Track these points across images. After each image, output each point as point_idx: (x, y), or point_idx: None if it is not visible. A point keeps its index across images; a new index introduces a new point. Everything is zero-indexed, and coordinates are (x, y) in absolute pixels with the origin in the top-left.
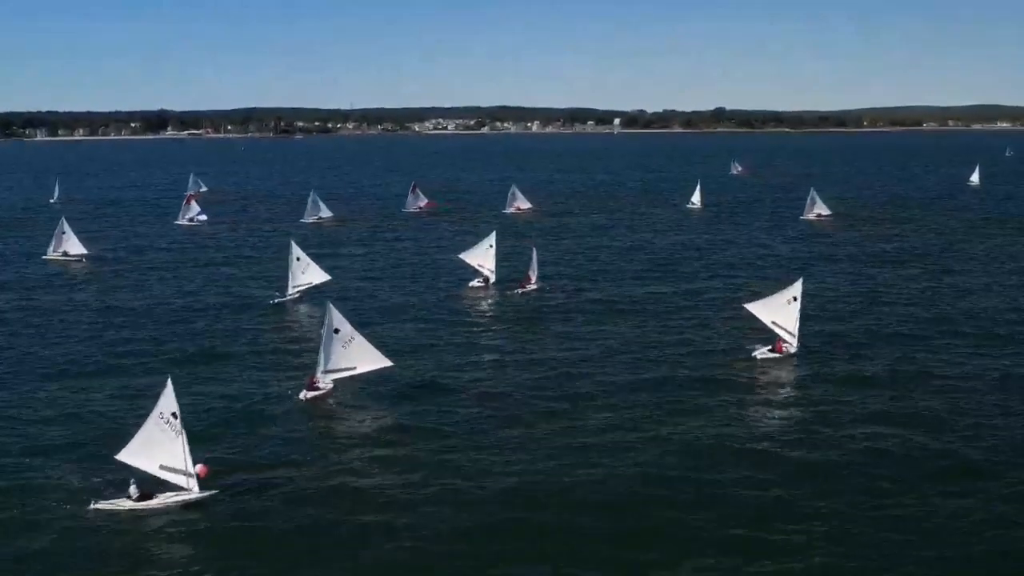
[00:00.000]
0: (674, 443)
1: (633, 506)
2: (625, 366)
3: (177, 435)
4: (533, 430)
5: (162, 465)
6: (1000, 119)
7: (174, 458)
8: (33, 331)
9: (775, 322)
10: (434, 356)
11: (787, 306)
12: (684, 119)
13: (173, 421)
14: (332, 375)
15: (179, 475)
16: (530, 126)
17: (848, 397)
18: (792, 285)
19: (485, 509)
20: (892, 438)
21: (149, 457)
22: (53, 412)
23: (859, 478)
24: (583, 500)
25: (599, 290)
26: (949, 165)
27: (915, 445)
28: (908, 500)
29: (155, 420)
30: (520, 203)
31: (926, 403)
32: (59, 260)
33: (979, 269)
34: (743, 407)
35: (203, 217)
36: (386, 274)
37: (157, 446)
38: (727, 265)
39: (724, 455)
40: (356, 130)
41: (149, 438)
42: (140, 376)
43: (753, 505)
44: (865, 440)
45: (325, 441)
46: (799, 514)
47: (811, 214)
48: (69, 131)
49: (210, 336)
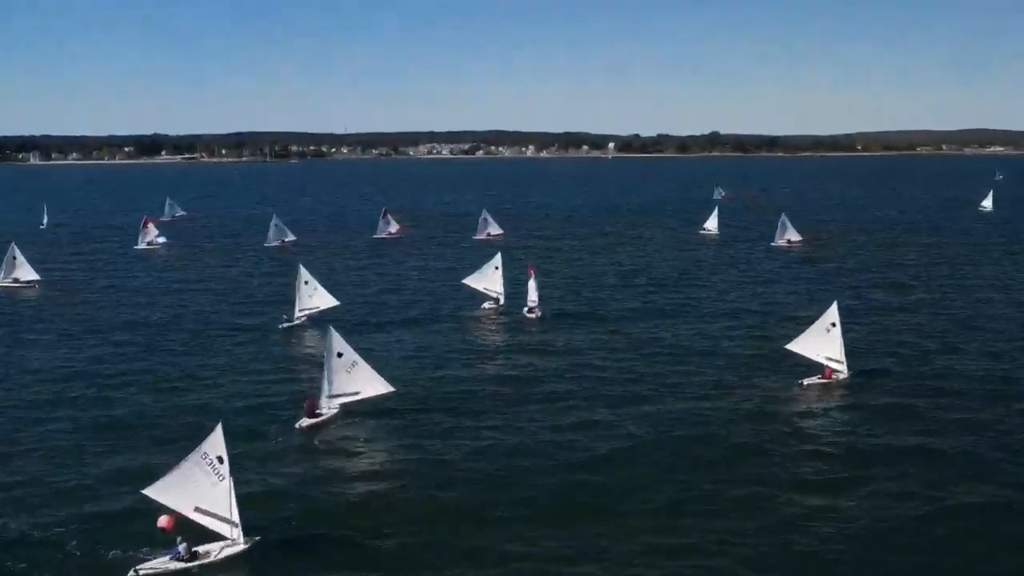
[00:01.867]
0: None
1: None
2: (652, 398)
3: (220, 480)
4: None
5: (198, 508)
6: (993, 144)
7: (216, 504)
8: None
9: (820, 354)
10: (437, 381)
11: (827, 334)
12: (678, 143)
13: (218, 464)
14: (336, 400)
15: (222, 523)
16: (525, 151)
17: (904, 421)
18: (827, 312)
19: (488, 537)
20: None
21: (185, 497)
22: (45, 449)
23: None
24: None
25: (603, 315)
26: (947, 189)
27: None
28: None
29: (196, 459)
30: (492, 229)
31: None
32: (10, 287)
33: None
34: (801, 437)
35: (161, 240)
36: (385, 298)
37: (196, 487)
38: (732, 296)
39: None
40: (351, 155)
41: (187, 477)
42: (124, 407)
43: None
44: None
45: (328, 472)
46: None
47: (782, 240)
48: (63, 155)
49: (171, 365)
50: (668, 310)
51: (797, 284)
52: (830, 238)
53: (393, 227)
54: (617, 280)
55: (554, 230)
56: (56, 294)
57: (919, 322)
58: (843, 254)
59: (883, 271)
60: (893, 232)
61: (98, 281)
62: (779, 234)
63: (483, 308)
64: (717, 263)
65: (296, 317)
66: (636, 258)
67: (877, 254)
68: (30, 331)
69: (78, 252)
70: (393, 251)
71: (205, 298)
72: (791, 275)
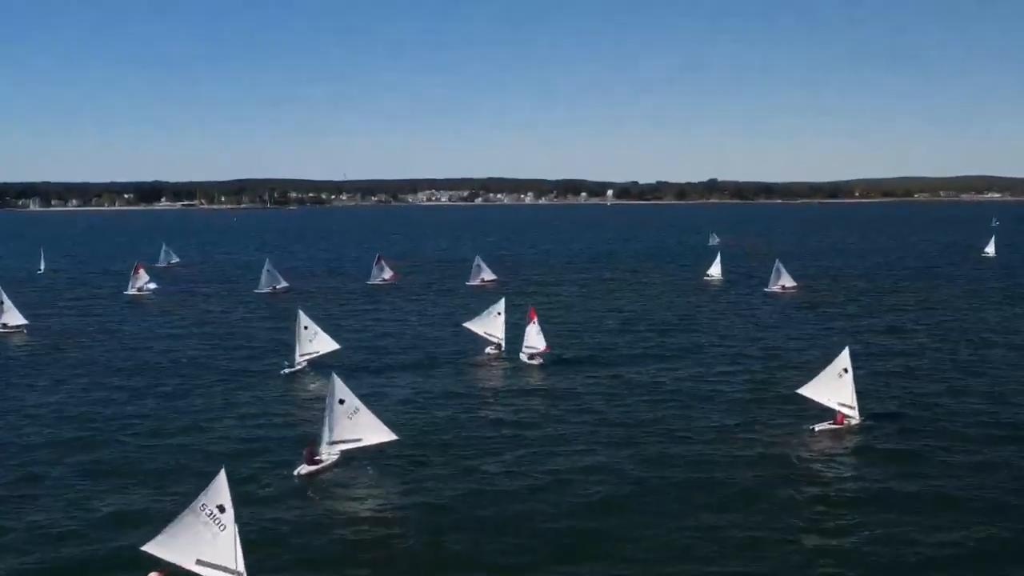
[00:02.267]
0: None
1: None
2: (656, 443)
3: (221, 529)
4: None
5: (199, 560)
6: (990, 190)
7: (218, 555)
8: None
9: (831, 399)
10: (437, 426)
11: (839, 379)
12: (677, 190)
13: (218, 514)
14: (337, 447)
15: (225, 574)
16: (523, 197)
17: (916, 466)
18: (839, 357)
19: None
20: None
21: (184, 551)
22: (38, 495)
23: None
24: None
25: (606, 360)
26: (946, 234)
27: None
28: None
29: (195, 512)
30: (485, 275)
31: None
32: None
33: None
34: (813, 482)
35: (152, 286)
36: (383, 343)
37: (196, 540)
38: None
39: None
40: (350, 201)
41: (186, 530)
42: (117, 452)
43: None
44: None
45: (326, 519)
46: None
47: (776, 286)
48: (63, 202)
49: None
50: (670, 355)
51: (803, 328)
52: (830, 284)
53: (387, 273)
54: (618, 325)
55: (553, 276)
56: (44, 339)
57: (926, 367)
58: (843, 299)
59: (885, 316)
60: (894, 277)
61: (87, 326)
62: (773, 280)
63: (485, 353)
64: (720, 308)
65: (297, 362)
66: (637, 303)
67: (879, 299)
68: (17, 375)
69: (70, 297)
70: (388, 297)
71: (196, 343)
72: (796, 320)
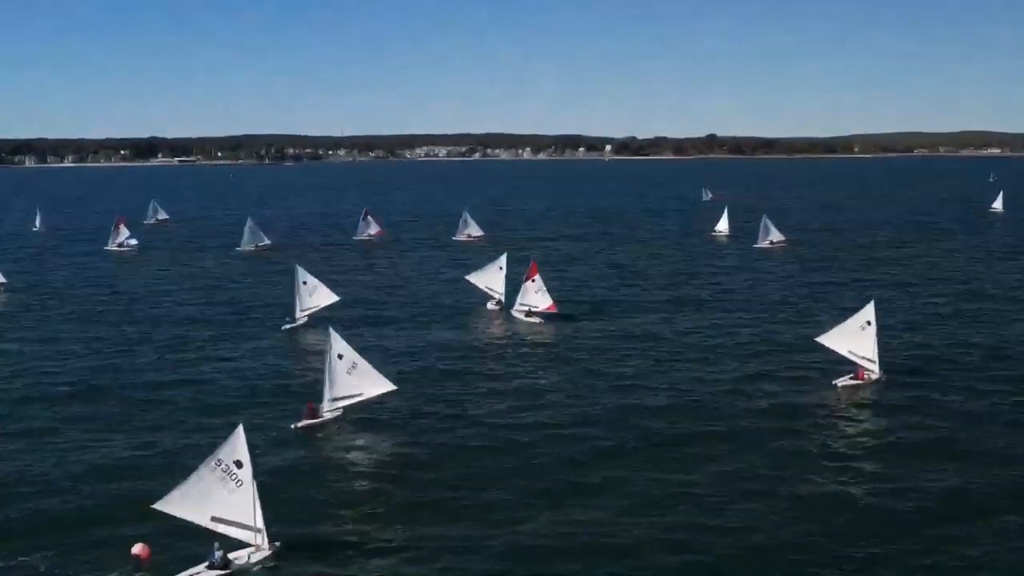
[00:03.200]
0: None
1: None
2: (669, 393)
3: (238, 485)
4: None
5: (215, 517)
6: (990, 146)
7: (234, 511)
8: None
9: (851, 351)
10: (436, 381)
11: (861, 332)
12: (675, 146)
13: (235, 470)
14: (338, 403)
15: (243, 530)
16: (521, 153)
17: (941, 423)
18: (863, 310)
19: (487, 550)
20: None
21: (199, 507)
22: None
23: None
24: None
25: (616, 315)
26: (951, 189)
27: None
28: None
29: (210, 468)
30: (472, 230)
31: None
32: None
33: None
34: (838, 438)
35: (133, 242)
36: (379, 297)
37: (210, 496)
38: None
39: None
40: (347, 157)
41: (200, 486)
42: (116, 405)
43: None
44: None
45: (324, 471)
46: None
47: (764, 242)
48: (58, 158)
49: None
50: (682, 308)
51: (812, 282)
52: (830, 238)
53: (374, 228)
54: (619, 279)
55: (548, 230)
56: (22, 296)
57: (943, 322)
58: (844, 255)
59: (891, 270)
60: (899, 233)
61: (68, 282)
62: (762, 235)
63: (487, 309)
64: (730, 264)
65: (297, 318)
66: (641, 259)
67: (881, 254)
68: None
69: (60, 253)
70: (380, 252)
71: (186, 297)
72: (798, 274)
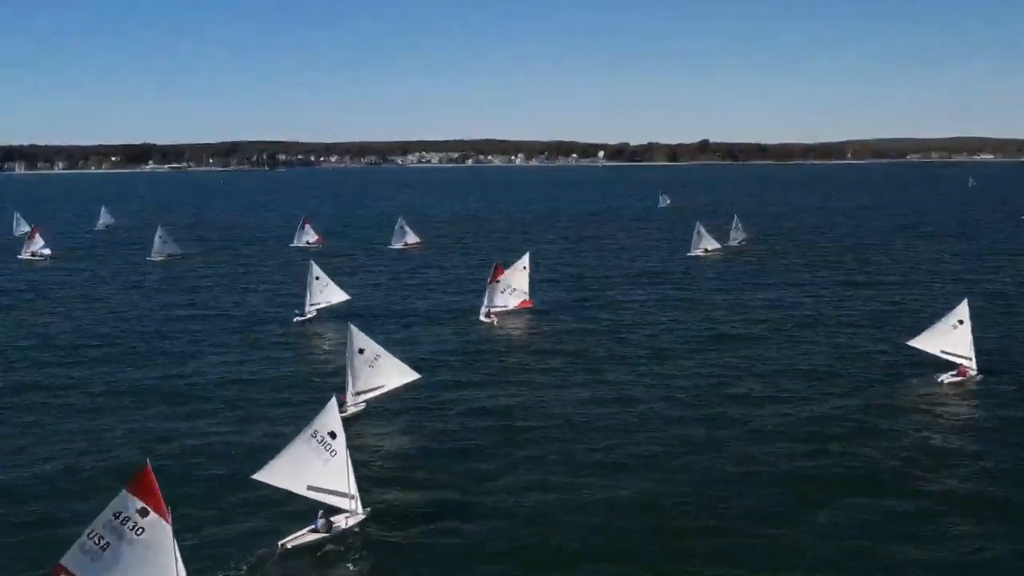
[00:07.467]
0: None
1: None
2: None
3: (332, 455)
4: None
5: (310, 486)
6: (983, 151)
7: (330, 480)
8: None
9: (944, 350)
10: (454, 375)
11: (954, 331)
12: (668, 151)
13: (329, 440)
14: (363, 396)
15: (338, 497)
16: (514, 159)
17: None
18: (955, 309)
19: (511, 532)
20: None
21: (295, 477)
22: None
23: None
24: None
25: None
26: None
27: None
28: None
29: (305, 439)
30: (409, 238)
31: None
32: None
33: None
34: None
35: (46, 251)
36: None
37: (306, 466)
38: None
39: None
40: (339, 163)
41: (296, 457)
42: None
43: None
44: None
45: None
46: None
47: (698, 250)
48: (49, 164)
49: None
50: (674, 306)
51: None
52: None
53: (311, 236)
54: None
55: (553, 232)
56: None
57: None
58: (811, 259)
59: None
60: (890, 237)
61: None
62: (695, 243)
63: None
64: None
65: (307, 311)
66: (646, 263)
67: (866, 255)
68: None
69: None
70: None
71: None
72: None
